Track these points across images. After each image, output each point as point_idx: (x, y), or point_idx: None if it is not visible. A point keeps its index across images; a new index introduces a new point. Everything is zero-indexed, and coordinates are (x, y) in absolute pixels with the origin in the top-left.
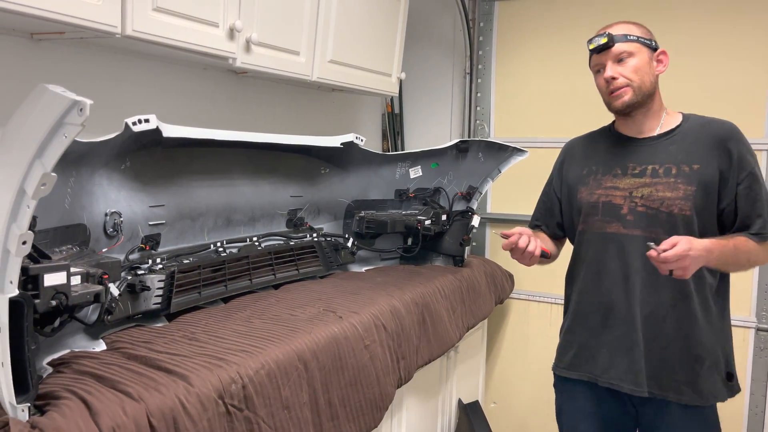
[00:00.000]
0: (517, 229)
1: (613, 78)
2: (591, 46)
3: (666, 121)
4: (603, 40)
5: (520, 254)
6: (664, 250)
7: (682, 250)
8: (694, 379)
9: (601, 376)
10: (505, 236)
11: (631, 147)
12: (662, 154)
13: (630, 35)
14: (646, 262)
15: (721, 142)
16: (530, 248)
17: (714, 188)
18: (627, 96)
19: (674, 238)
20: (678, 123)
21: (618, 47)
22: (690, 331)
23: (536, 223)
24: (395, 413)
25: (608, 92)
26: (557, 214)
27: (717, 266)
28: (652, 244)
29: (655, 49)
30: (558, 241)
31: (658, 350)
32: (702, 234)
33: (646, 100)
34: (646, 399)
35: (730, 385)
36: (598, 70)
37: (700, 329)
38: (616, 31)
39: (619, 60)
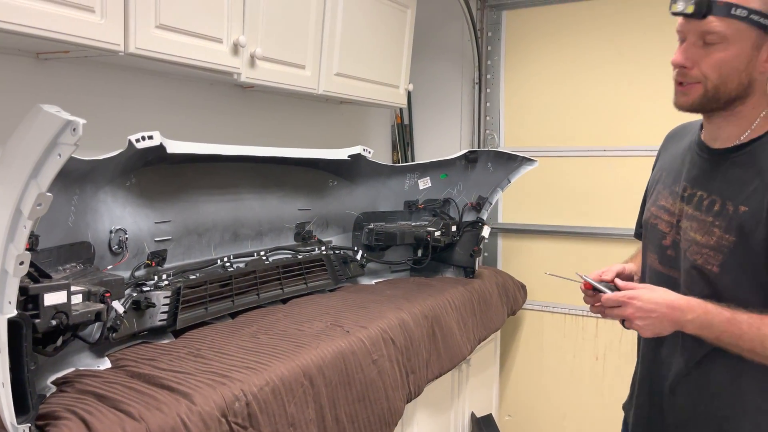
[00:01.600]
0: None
1: (684, 67)
2: (673, 9)
3: (758, 126)
4: (689, 9)
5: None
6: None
7: (623, 296)
8: None
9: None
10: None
11: (698, 158)
12: (718, 179)
13: (737, 6)
14: None
15: None
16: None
17: (760, 242)
18: (692, 96)
19: (632, 284)
20: (763, 132)
21: (710, 24)
22: (710, 407)
23: (639, 230)
24: (405, 429)
25: (675, 79)
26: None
27: (705, 338)
28: (580, 273)
29: None
30: None
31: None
32: (734, 300)
33: (728, 105)
34: None
35: None
36: (681, 38)
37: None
38: None
39: (707, 40)
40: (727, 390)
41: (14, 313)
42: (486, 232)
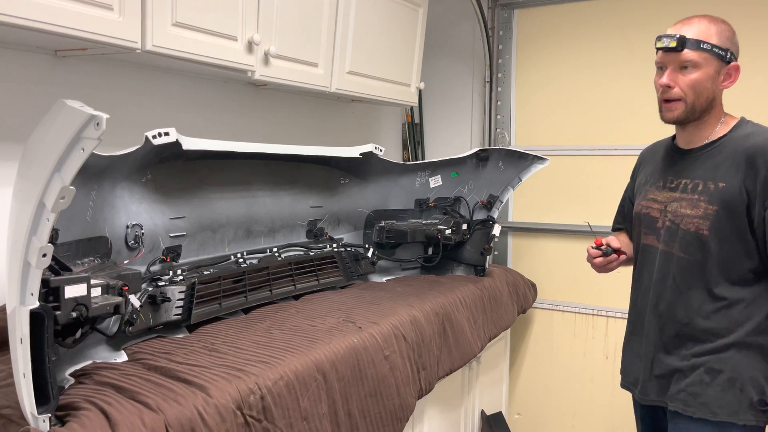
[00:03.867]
0: (605, 239)
1: (669, 87)
2: (658, 45)
3: (719, 130)
4: (672, 44)
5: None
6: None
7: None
8: (702, 391)
9: (631, 386)
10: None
11: (677, 158)
12: (699, 168)
13: (705, 43)
14: (665, 279)
15: (751, 157)
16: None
17: (740, 210)
18: (676, 111)
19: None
20: (725, 133)
21: (686, 54)
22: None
23: (617, 225)
24: (416, 425)
25: (660, 98)
26: (627, 216)
27: None
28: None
29: (728, 62)
30: None
31: (664, 356)
32: (725, 260)
33: (701, 115)
34: (665, 409)
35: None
36: (660, 66)
37: (723, 347)
38: (692, 32)
39: (683, 67)
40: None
41: (36, 304)
42: (497, 230)
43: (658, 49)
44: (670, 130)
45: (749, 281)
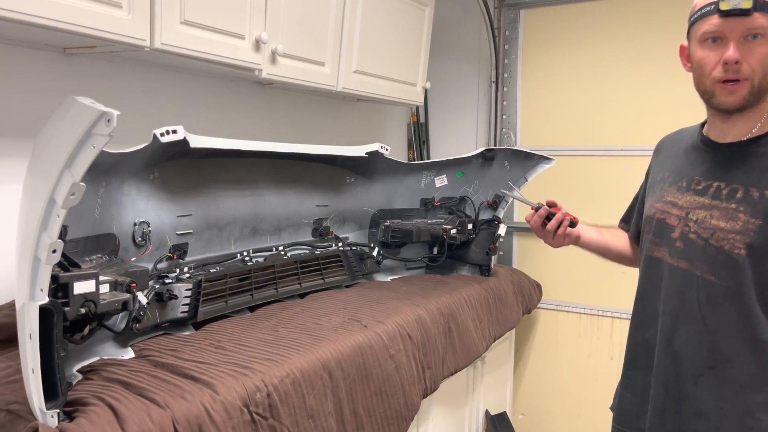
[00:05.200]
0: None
1: (736, 62)
2: (723, 6)
3: (766, 121)
4: (746, 3)
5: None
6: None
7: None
8: None
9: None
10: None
11: (708, 154)
12: (739, 169)
13: None
14: (685, 305)
15: None
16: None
17: None
18: (741, 93)
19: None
20: None
21: (756, 19)
22: (733, 404)
23: (620, 224)
24: (421, 424)
25: (719, 78)
26: (636, 218)
27: None
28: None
29: None
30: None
31: (679, 422)
32: (764, 290)
33: (758, 100)
34: None
35: None
36: (712, 38)
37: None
38: None
39: (752, 36)
40: (754, 383)
41: (46, 300)
42: (502, 230)
43: (720, 11)
44: (678, 126)
45: None
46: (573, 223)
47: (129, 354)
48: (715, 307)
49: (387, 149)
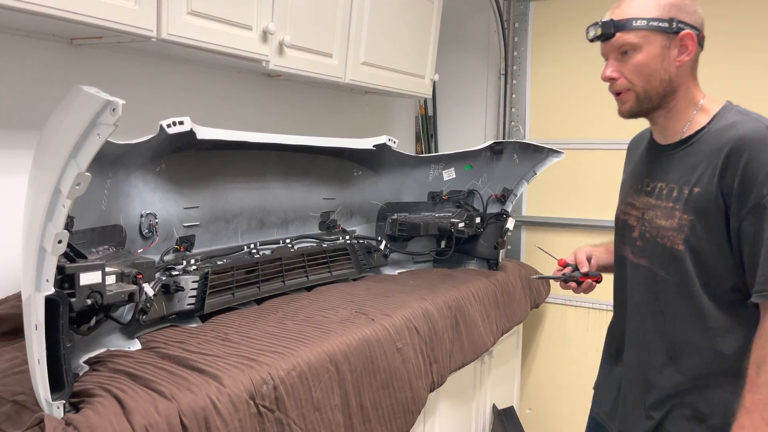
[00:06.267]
0: (572, 257)
1: (611, 78)
2: (588, 37)
3: (697, 119)
4: (598, 32)
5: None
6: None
7: None
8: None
9: (603, 417)
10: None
11: (654, 155)
12: (674, 169)
13: (637, 20)
14: (648, 300)
15: (728, 155)
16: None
17: (719, 219)
18: (628, 103)
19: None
20: (704, 124)
21: (618, 38)
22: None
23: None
24: (428, 417)
25: (612, 93)
26: None
27: None
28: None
29: (676, 32)
30: None
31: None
32: (707, 281)
33: (662, 102)
34: None
35: None
36: (604, 57)
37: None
38: (620, 13)
39: (623, 52)
40: (709, 370)
41: (52, 291)
42: (510, 224)
43: (590, 41)
44: None
45: (736, 303)
46: (598, 282)
47: (136, 345)
48: (669, 300)
49: (395, 142)
